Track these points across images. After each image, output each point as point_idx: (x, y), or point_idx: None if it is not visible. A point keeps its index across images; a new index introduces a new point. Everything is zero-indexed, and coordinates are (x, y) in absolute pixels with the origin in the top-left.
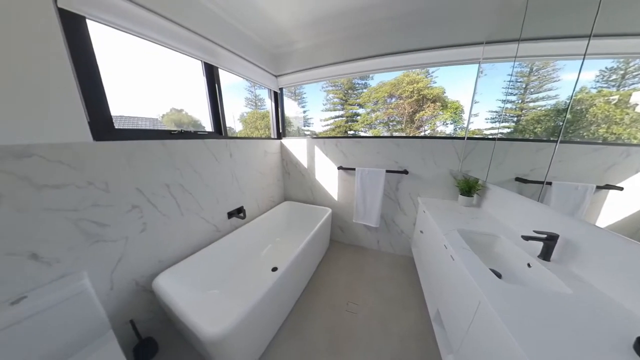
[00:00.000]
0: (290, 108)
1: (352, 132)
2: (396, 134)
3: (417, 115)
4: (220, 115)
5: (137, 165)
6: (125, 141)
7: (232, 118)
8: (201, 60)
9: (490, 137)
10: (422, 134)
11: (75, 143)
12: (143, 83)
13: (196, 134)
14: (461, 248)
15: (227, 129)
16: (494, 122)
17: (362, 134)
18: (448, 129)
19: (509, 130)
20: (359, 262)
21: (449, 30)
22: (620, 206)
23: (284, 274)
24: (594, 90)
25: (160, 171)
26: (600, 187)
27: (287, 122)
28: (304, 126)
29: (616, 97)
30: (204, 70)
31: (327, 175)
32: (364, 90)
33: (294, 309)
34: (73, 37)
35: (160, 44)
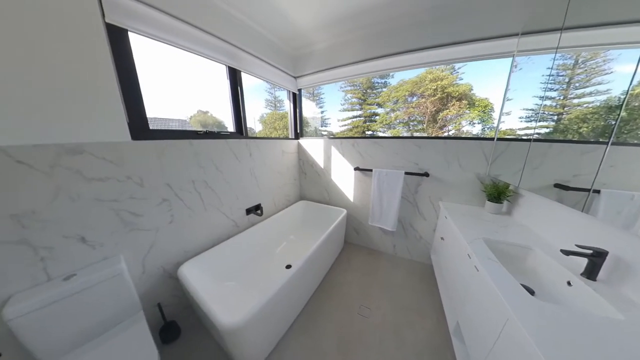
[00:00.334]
0: (308, 109)
1: (370, 132)
2: (417, 134)
3: (441, 114)
4: (242, 117)
5: (167, 162)
6: (157, 140)
7: (253, 119)
8: (226, 65)
9: (524, 137)
10: (446, 134)
11: (117, 142)
12: (174, 87)
13: (219, 134)
14: (487, 259)
15: (248, 129)
16: (530, 122)
17: (381, 134)
18: (475, 129)
19: (547, 130)
20: (373, 265)
21: (479, 22)
22: None
23: (297, 272)
24: None
25: (187, 168)
26: None
27: (304, 122)
28: (321, 126)
29: None
30: (228, 74)
31: (343, 176)
32: (384, 89)
33: (306, 308)
34: (117, 47)
35: (190, 51)
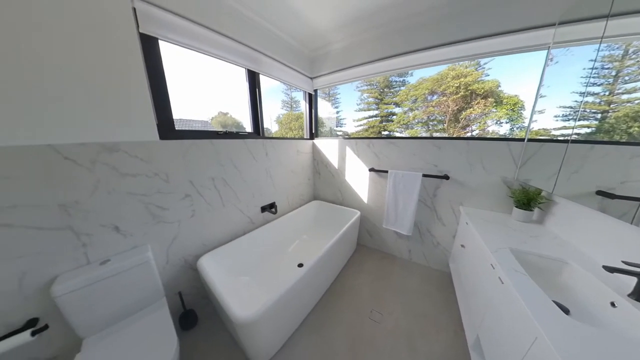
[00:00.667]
0: (323, 109)
1: (386, 132)
2: (437, 134)
3: (464, 113)
4: (259, 117)
5: (190, 160)
6: (182, 140)
7: (269, 119)
8: (245, 68)
9: (561, 138)
10: (469, 134)
11: (147, 141)
12: (197, 90)
13: (238, 135)
14: (513, 271)
15: (265, 129)
16: (567, 120)
17: (398, 134)
18: (502, 129)
19: (588, 130)
20: (387, 269)
21: (510, 13)
22: None
23: (309, 271)
24: None
25: (207, 166)
26: None
27: (320, 122)
28: (337, 127)
29: None
30: (247, 77)
31: (357, 177)
32: (402, 88)
33: (316, 307)
34: (148, 55)
35: (212, 56)
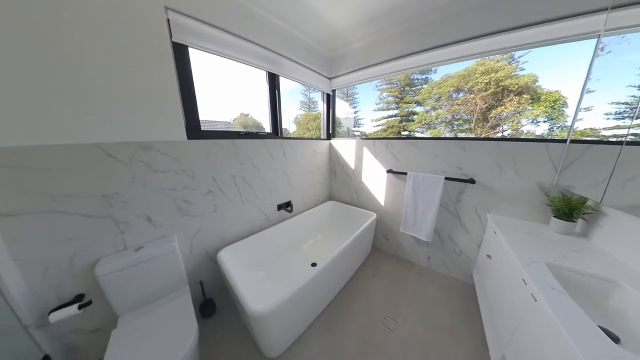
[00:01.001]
0: (341, 109)
1: (406, 132)
2: (462, 134)
3: (493, 112)
4: (278, 118)
5: (213, 159)
6: (207, 140)
7: (288, 120)
8: (266, 71)
9: (613, 139)
10: (499, 134)
11: (176, 140)
12: (221, 93)
13: (257, 135)
14: (550, 288)
15: (283, 130)
16: (622, 119)
17: (419, 134)
18: (539, 129)
19: None
20: (403, 275)
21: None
22: None
23: (322, 271)
24: None
25: (229, 164)
26: None
27: (337, 123)
28: (354, 127)
29: None
30: (267, 79)
31: (374, 179)
32: (424, 85)
33: (328, 308)
34: (179, 61)
35: (236, 60)
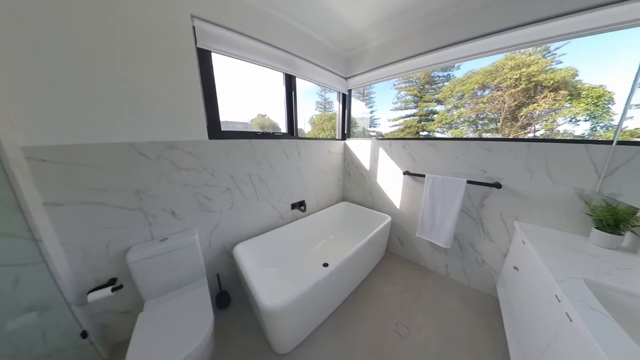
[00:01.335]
0: (357, 109)
1: (425, 133)
2: (487, 135)
3: (524, 110)
4: (294, 119)
5: (232, 158)
6: (226, 140)
7: (303, 120)
8: (283, 72)
9: None
10: (530, 135)
11: (199, 140)
12: (240, 94)
13: (274, 135)
14: (589, 308)
15: (298, 130)
16: None
17: (439, 134)
18: (578, 129)
19: None
20: (418, 282)
21: None
22: None
23: (334, 271)
24: None
25: (246, 163)
26: None
27: (352, 123)
28: (370, 127)
29: None
30: (284, 80)
31: (390, 180)
32: (446, 83)
33: (339, 309)
34: (203, 66)
35: (255, 63)
